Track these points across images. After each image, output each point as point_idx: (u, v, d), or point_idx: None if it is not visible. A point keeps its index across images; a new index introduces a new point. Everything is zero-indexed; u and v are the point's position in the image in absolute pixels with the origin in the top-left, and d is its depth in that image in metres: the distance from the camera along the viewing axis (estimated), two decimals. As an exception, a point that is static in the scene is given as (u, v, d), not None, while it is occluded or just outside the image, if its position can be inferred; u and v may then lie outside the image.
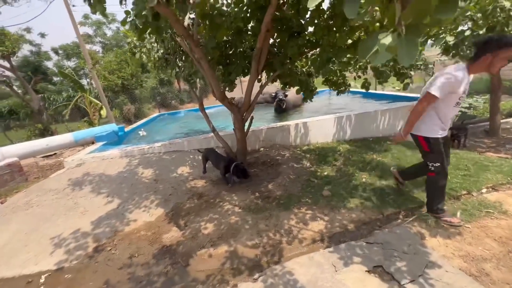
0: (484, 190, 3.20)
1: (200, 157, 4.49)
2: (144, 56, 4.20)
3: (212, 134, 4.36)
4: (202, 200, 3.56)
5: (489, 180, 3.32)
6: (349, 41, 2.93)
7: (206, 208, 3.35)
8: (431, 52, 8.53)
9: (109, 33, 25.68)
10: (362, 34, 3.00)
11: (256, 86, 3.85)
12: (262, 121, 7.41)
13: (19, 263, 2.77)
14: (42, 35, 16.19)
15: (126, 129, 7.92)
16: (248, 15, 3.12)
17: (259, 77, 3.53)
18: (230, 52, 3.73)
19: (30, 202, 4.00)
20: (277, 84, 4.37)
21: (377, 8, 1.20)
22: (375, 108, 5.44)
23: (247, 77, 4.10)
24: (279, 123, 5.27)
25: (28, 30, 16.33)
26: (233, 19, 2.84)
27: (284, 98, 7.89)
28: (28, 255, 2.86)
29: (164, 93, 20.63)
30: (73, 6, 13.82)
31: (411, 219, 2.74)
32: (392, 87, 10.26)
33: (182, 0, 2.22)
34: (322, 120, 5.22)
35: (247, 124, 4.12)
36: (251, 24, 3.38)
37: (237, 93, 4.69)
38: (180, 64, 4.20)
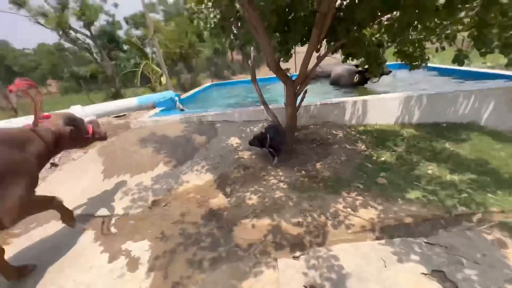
0: None
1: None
2: (201, 22, 4.17)
3: (262, 106, 4.27)
4: (248, 171, 3.62)
5: None
6: (442, 1, 2.34)
7: (251, 180, 3.40)
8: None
9: (170, 1, 26.61)
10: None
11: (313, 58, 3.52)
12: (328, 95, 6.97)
13: (96, 204, 3.32)
14: (115, 5, 17.71)
15: (182, 97, 8.41)
16: (314, -28, 2.73)
17: (320, 45, 3.18)
18: (289, 18, 3.42)
19: (104, 156, 4.67)
20: (339, 56, 3.91)
21: None
22: (456, 88, 4.52)
23: (303, 48, 3.77)
24: (336, 99, 4.85)
25: (104, 0, 17.98)
26: (297, -23, 2.52)
27: (391, 70, 7.19)
28: (103, 199, 3.40)
29: (217, 63, 21.10)
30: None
31: (489, 224, 2.30)
32: (482, 63, 8.35)
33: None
34: (385, 99, 4.60)
35: (299, 98, 3.88)
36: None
37: (290, 65, 4.39)
38: (235, 32, 4.07)
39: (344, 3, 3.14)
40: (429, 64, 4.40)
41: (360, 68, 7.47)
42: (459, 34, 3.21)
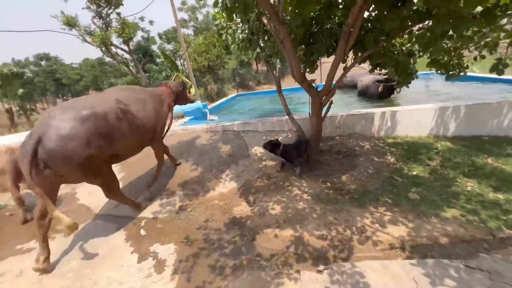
0: None
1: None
2: (229, 37, 4.38)
3: (287, 117, 4.30)
4: (271, 181, 3.64)
5: None
6: (479, 9, 2.23)
7: (275, 190, 3.40)
8: None
9: (200, 17, 28.25)
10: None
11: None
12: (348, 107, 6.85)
13: (127, 207, 3.53)
14: (151, 23, 19.22)
15: (208, 107, 8.75)
16: (341, -15, 2.77)
17: (346, 57, 3.16)
18: (315, 30, 3.46)
19: (137, 161, 4.98)
20: (366, 66, 3.84)
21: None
22: (500, 99, 4.17)
23: (328, 58, 3.77)
24: (362, 110, 4.72)
25: (142, 18, 19.62)
26: (324, -8, 2.57)
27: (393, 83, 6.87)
28: (138, 200, 3.61)
29: (243, 74, 21.68)
30: (174, -6, 15.64)
31: (541, 250, 2.05)
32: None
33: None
34: (416, 110, 4.38)
35: (324, 109, 3.85)
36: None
37: (317, 78, 4.41)
38: (262, 45, 4.21)
39: (372, 14, 3.12)
40: (468, 73, 4.12)
41: (383, 78, 7.21)
42: (502, 41, 3.02)
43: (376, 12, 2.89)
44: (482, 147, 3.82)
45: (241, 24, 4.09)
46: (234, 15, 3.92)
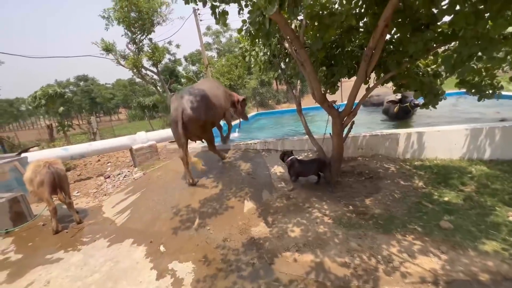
0: None
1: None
2: (252, 59, 4.58)
3: (307, 136, 4.28)
4: (291, 201, 3.57)
5: None
6: (510, 29, 2.15)
7: (294, 211, 3.33)
8: None
9: (223, 40, 29.89)
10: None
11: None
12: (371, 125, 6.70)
13: (149, 221, 3.62)
14: (177, 46, 20.69)
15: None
16: (362, 10, 2.83)
17: (368, 78, 3.15)
18: (336, 53, 3.52)
19: (160, 177, 5.16)
20: (389, 86, 3.78)
21: None
22: (541, 121, 3.85)
23: (348, 79, 3.78)
24: (386, 131, 4.58)
25: (169, 42, 21.20)
26: (344, 18, 2.64)
27: (418, 103, 6.47)
28: (155, 216, 3.70)
29: (263, 93, 22.17)
30: (201, 20, 16.83)
31: None
32: None
33: (293, 3, 2.24)
34: (446, 131, 4.16)
35: (346, 129, 3.80)
36: (365, 20, 3.06)
37: (337, 96, 4.41)
38: (283, 66, 4.34)
39: (395, 36, 3.12)
40: (505, 93, 3.86)
41: (397, 99, 6.90)
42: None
43: (398, 35, 2.90)
44: (524, 172, 3.49)
45: (263, 47, 4.28)
46: (256, 40, 4.14)
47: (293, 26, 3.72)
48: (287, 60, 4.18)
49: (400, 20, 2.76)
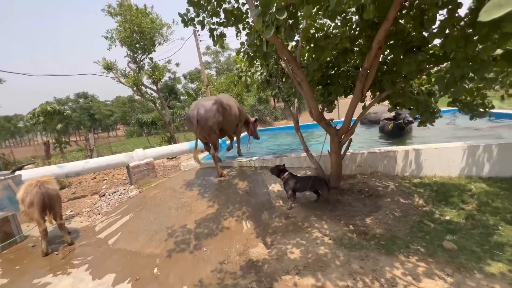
0: None
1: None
2: (249, 79, 4.68)
3: (305, 154, 4.28)
4: (290, 221, 3.48)
5: None
6: (499, 51, 2.23)
7: (293, 231, 3.24)
8: None
9: (222, 59, 30.76)
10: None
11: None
12: (368, 143, 6.73)
13: (143, 242, 3.50)
14: (177, 65, 21.26)
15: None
16: (356, 33, 2.94)
17: (364, 97, 3.21)
18: (332, 72, 3.61)
19: (156, 196, 5.07)
20: (386, 103, 3.84)
21: None
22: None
23: (345, 98, 3.84)
24: (384, 148, 4.60)
25: (169, 61, 21.73)
26: (339, 40, 2.74)
27: (412, 120, 6.55)
28: (149, 237, 3.58)
29: (261, 110, 22.48)
30: (200, 41, 17.41)
31: None
32: None
33: (289, 27, 2.32)
34: (444, 148, 4.18)
35: (344, 146, 3.80)
36: (359, 41, 3.17)
37: (334, 113, 4.46)
38: (280, 86, 4.42)
39: (389, 57, 3.22)
40: (497, 111, 3.95)
41: (391, 116, 7.00)
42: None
43: (391, 56, 2.99)
44: (523, 190, 3.47)
45: (260, 67, 4.39)
46: (255, 60, 4.26)
47: (290, 47, 3.86)
48: (284, 79, 4.28)
49: (393, 42, 2.86)
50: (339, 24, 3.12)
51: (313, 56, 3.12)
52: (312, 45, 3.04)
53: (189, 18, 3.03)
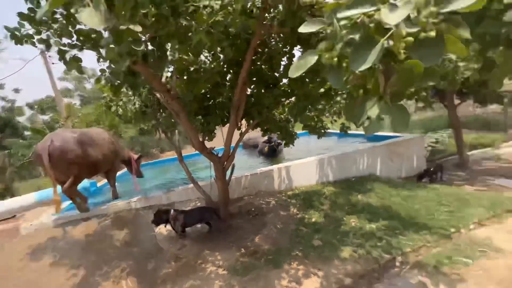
0: (472, 226, 3.18)
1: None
2: (120, 109, 4.15)
3: (192, 185, 4.15)
4: (181, 262, 3.16)
5: (474, 215, 3.33)
6: (322, 90, 3.11)
7: (185, 273, 2.94)
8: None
9: (89, 86, 26.05)
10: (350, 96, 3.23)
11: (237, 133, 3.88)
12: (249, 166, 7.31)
13: None
14: (16, 91, 16.02)
15: (98, 184, 7.38)
16: (225, 69, 3.28)
17: (239, 125, 3.55)
18: (210, 103, 3.80)
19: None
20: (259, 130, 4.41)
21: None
22: (354, 149, 5.61)
23: (223, 126, 4.14)
24: (262, 169, 5.19)
25: (1, 86, 16.10)
26: (209, 75, 2.95)
27: (281, 142, 7.70)
28: None
29: (144, 142, 20.30)
30: (53, 63, 14.09)
31: (408, 267, 2.57)
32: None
33: (158, 59, 2.27)
34: (304, 163, 5.22)
35: (228, 172, 3.99)
36: (229, 77, 3.55)
37: (219, 140, 4.67)
38: (158, 116, 4.18)
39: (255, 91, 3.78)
40: (334, 131, 5.40)
41: (265, 139, 8.39)
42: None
43: (256, 90, 3.53)
44: (353, 187, 4.83)
45: (133, 97, 4.01)
46: (124, 89, 3.84)
47: (164, 78, 3.77)
48: (162, 110, 4.08)
49: (255, 79, 3.39)
50: (209, 60, 3.38)
51: (188, 88, 3.18)
52: (185, 77, 3.10)
53: (23, 34, 2.36)
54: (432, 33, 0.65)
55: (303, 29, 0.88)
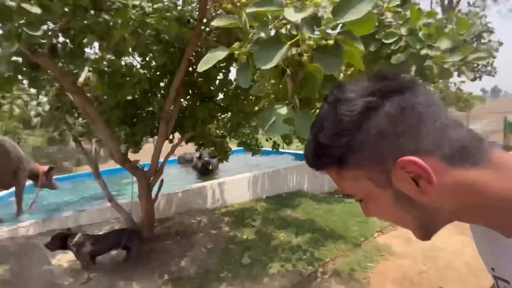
0: (375, 235, 3.70)
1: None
2: (16, 108, 3.35)
3: (109, 203, 3.57)
4: (85, 301, 2.59)
5: (376, 224, 3.89)
6: (256, 108, 3.23)
7: (89, 314, 2.41)
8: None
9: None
10: (267, 103, 3.40)
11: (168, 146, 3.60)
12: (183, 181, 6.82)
13: None
14: None
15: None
16: (156, 77, 3.06)
17: (171, 138, 3.31)
18: (137, 112, 3.45)
19: None
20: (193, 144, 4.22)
21: (272, 81, 1.30)
22: (283, 166, 5.96)
23: (152, 138, 3.82)
24: (194, 185, 4.92)
25: None
26: (137, 80, 2.69)
27: (210, 159, 7.52)
28: None
29: (53, 153, 16.84)
30: None
31: (327, 276, 2.76)
32: (296, 146, 11.85)
33: (70, 52, 1.94)
34: (237, 179, 5.22)
35: (155, 189, 3.62)
36: (162, 85, 3.33)
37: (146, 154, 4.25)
38: (70, 122, 3.53)
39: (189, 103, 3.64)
40: (267, 149, 5.64)
41: (206, 158, 8.25)
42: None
43: (190, 102, 3.40)
44: (283, 202, 5.06)
45: (36, 96, 3.30)
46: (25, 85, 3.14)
47: (82, 78, 3.25)
48: (76, 114, 3.48)
49: (190, 91, 3.28)
50: (138, 65, 3.11)
51: (110, 92, 2.82)
52: (106, 80, 2.74)
53: None
54: (331, 42, 0.73)
55: (216, 23, 0.89)
